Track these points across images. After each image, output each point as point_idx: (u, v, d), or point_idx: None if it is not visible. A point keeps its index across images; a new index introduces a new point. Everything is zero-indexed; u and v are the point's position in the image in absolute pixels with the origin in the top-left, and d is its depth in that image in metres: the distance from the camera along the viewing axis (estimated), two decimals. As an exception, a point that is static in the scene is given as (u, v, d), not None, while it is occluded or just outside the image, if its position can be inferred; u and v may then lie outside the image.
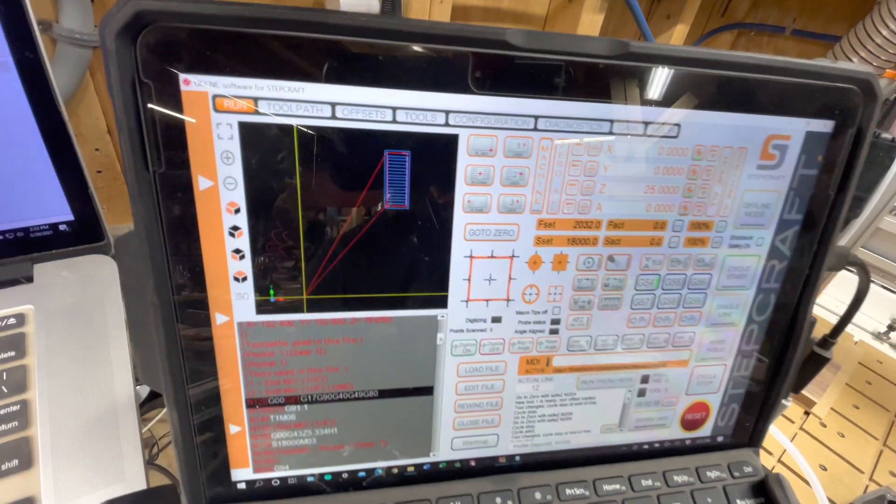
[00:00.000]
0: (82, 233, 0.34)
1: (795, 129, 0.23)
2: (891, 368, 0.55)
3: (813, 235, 0.25)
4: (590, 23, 0.67)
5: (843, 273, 0.42)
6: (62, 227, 0.34)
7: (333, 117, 0.19)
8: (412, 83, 0.19)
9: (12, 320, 0.29)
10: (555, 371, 0.25)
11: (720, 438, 0.30)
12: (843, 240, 0.41)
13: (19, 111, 0.29)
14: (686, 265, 0.25)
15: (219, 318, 0.20)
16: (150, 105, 0.17)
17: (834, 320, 0.66)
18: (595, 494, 0.26)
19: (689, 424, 0.29)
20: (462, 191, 0.21)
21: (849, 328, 0.61)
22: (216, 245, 0.19)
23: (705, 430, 0.29)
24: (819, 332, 0.30)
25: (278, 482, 0.24)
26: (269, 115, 0.18)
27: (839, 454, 0.42)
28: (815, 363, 0.34)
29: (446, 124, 0.20)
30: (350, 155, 0.19)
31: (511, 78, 0.20)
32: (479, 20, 0.66)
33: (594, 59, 0.20)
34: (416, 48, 0.18)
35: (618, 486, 0.27)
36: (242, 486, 0.23)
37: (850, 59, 0.63)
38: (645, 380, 0.27)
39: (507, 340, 0.24)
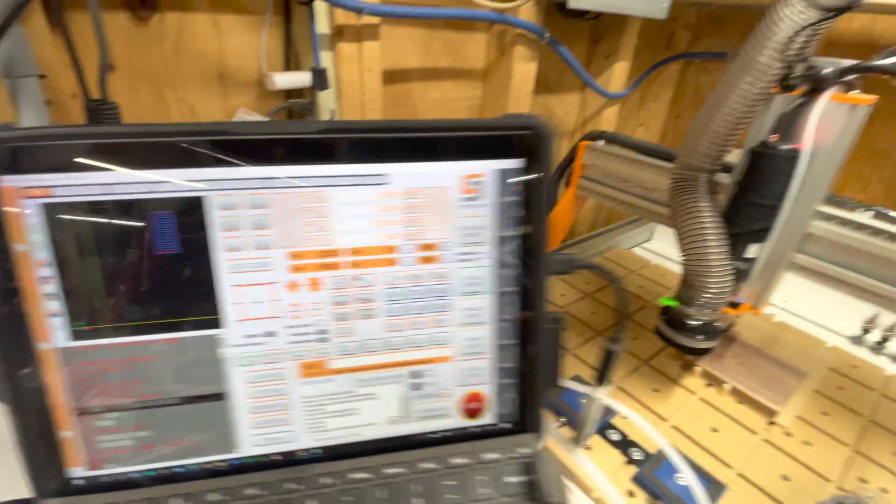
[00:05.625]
0: None
1: (488, 168, 0.30)
2: (867, 372, 0.53)
3: (527, 247, 0.32)
4: (522, 71, 0.73)
5: (806, 280, 0.42)
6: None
7: (110, 193, 0.27)
8: (166, 163, 0.27)
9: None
10: (333, 373, 0.32)
11: (504, 425, 0.35)
12: (770, 246, 0.41)
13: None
14: (425, 278, 0.31)
15: (42, 346, 0.27)
16: (-25, 198, 0.25)
17: (803, 325, 0.64)
18: (377, 477, 0.31)
19: (471, 413, 0.34)
20: (219, 236, 0.28)
21: (821, 333, 0.61)
22: (33, 292, 0.27)
23: (488, 418, 0.34)
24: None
25: (108, 478, 0.30)
26: (62, 196, 0.26)
27: (804, 463, 0.41)
28: (608, 357, 0.39)
29: (197, 190, 0.27)
30: (127, 217, 0.27)
31: (242, 153, 0.27)
32: (417, 81, 0.72)
33: (301, 136, 0.28)
34: (161, 141, 0.27)
35: (400, 470, 0.32)
36: (80, 482, 0.30)
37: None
38: (416, 375, 0.33)
39: (284, 350, 0.31)
